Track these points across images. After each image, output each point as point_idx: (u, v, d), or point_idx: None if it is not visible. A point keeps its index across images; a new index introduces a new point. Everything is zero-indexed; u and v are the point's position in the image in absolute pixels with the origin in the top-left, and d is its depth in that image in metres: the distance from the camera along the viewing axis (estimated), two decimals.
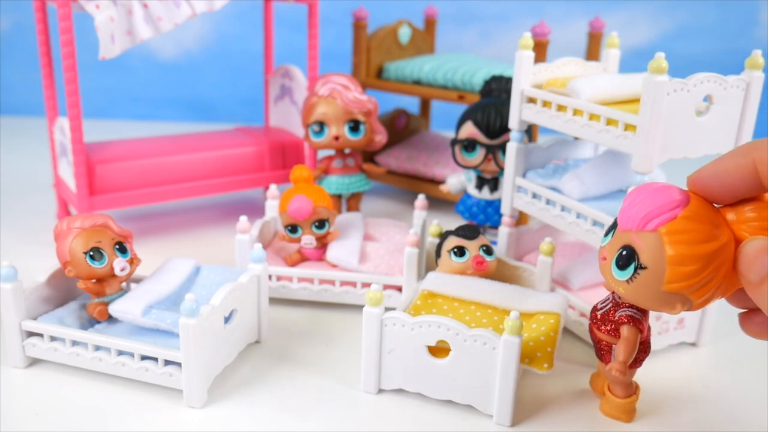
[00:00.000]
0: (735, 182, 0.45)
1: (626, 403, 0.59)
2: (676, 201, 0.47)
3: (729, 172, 0.45)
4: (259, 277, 0.70)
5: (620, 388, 0.59)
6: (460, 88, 1.07)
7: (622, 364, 0.54)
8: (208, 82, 1.77)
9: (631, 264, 0.48)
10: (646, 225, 0.47)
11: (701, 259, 0.45)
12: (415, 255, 0.75)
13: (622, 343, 0.54)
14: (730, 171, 0.45)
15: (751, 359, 0.71)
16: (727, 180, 0.45)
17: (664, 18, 1.68)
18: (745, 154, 0.45)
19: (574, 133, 0.71)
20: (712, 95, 0.64)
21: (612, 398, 0.60)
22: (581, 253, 0.85)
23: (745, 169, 0.44)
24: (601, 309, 0.57)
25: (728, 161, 0.45)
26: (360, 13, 1.13)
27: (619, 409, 0.60)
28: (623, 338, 0.54)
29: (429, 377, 0.61)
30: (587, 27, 1.10)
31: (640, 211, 0.47)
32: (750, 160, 0.44)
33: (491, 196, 0.92)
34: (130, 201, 0.94)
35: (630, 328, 0.54)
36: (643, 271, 0.47)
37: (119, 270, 0.65)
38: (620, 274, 0.49)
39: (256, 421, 0.59)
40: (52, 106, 0.98)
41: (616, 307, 0.55)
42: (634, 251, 0.48)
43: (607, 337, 0.56)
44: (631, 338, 0.54)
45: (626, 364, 0.54)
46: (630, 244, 0.48)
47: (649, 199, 0.47)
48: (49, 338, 0.64)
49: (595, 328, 0.57)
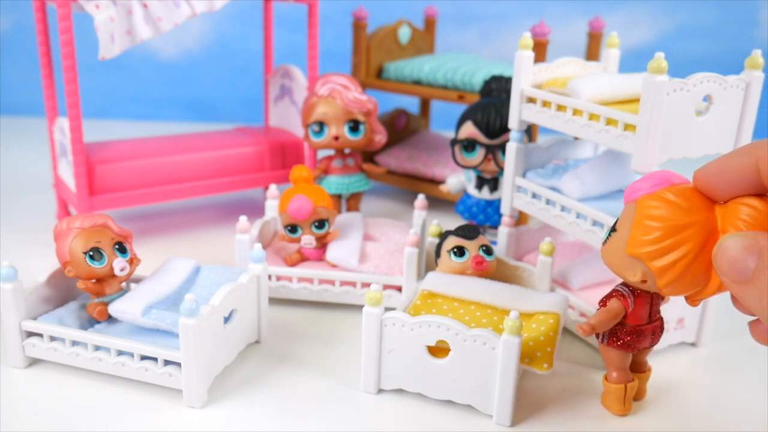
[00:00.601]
0: (738, 180, 0.46)
1: (616, 389, 0.60)
2: (666, 181, 0.50)
3: (733, 170, 0.46)
4: (259, 277, 0.70)
5: (614, 371, 0.60)
6: (460, 88, 1.07)
7: (589, 324, 0.57)
8: (208, 82, 1.77)
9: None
10: (630, 196, 0.51)
11: (662, 229, 0.48)
12: (415, 255, 0.75)
13: (602, 310, 0.58)
14: (733, 169, 0.46)
15: (751, 359, 0.71)
16: (731, 177, 0.46)
17: (664, 18, 1.68)
18: (750, 154, 0.45)
19: (573, 133, 0.71)
20: (712, 95, 0.64)
21: (606, 384, 0.61)
22: (581, 253, 0.85)
23: (748, 168, 0.45)
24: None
25: (733, 159, 0.46)
26: (360, 13, 1.13)
27: (609, 397, 0.61)
28: (606, 307, 0.58)
29: (429, 377, 0.61)
30: (587, 27, 1.10)
31: (635, 185, 0.52)
32: (754, 159, 0.45)
33: (491, 196, 0.92)
34: (130, 201, 0.94)
35: (615, 300, 0.58)
36: (614, 233, 0.52)
37: (119, 270, 0.65)
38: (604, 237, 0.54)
39: (256, 421, 0.59)
40: (52, 106, 0.98)
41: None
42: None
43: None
44: (612, 308, 0.57)
45: (594, 327, 0.57)
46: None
47: (647, 179, 0.51)
48: (48, 338, 0.64)
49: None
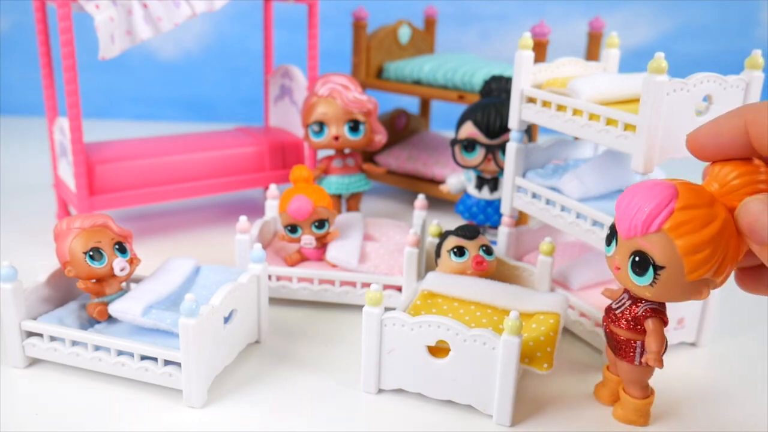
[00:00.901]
0: (728, 142, 0.47)
1: (643, 404, 0.59)
2: (667, 196, 0.48)
3: (723, 132, 0.47)
4: (259, 277, 0.70)
5: (638, 389, 0.59)
6: (460, 88, 1.07)
7: (657, 353, 0.55)
8: (208, 82, 1.77)
9: (648, 267, 0.50)
10: (650, 227, 0.48)
11: (711, 242, 0.47)
12: (415, 255, 0.75)
13: (651, 335, 0.55)
14: (724, 131, 0.47)
15: (751, 359, 0.71)
16: (721, 140, 0.47)
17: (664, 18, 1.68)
18: (739, 116, 0.47)
19: (573, 133, 0.71)
20: (712, 95, 0.64)
21: (629, 400, 0.59)
22: (581, 253, 0.85)
23: (737, 129, 0.47)
24: (618, 308, 0.57)
25: (723, 122, 0.48)
26: (360, 13, 1.13)
27: (636, 412, 0.60)
28: (651, 330, 0.55)
29: (429, 377, 0.61)
30: (587, 27, 1.10)
31: (639, 216, 0.49)
32: (743, 121, 0.46)
33: (491, 196, 0.92)
34: (130, 201, 0.94)
35: (655, 321, 0.55)
36: (662, 270, 0.49)
37: (119, 270, 0.65)
38: (640, 279, 0.51)
39: (256, 421, 0.59)
40: (52, 106, 0.98)
41: (636, 303, 0.56)
42: (646, 255, 0.49)
43: (629, 333, 0.57)
44: (659, 329, 0.55)
45: (660, 353, 0.55)
46: (640, 249, 0.50)
47: (642, 202, 0.49)
48: (48, 338, 0.64)
49: (615, 326, 0.57)
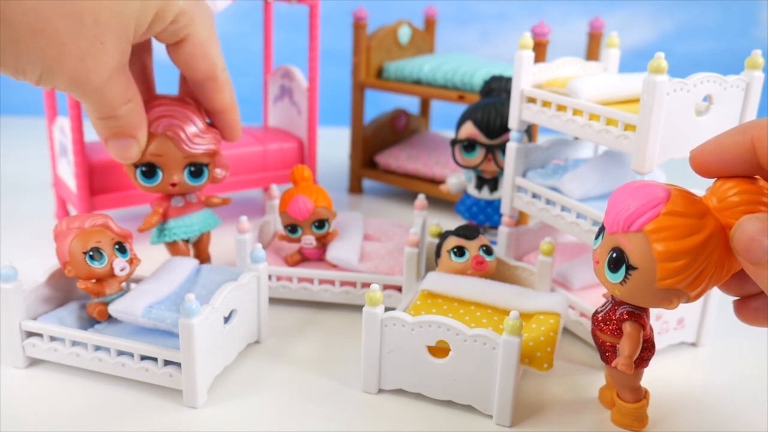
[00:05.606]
0: (733, 159, 0.46)
1: (636, 408, 0.59)
2: (657, 198, 0.47)
3: (728, 149, 0.46)
4: (259, 277, 0.70)
5: (628, 392, 0.59)
6: (460, 88, 1.07)
7: (627, 358, 0.54)
8: None
9: (622, 266, 0.49)
10: (631, 225, 0.48)
11: (689, 253, 0.46)
12: (414, 255, 0.75)
13: (625, 338, 0.54)
14: (729, 148, 0.46)
15: (751, 359, 0.71)
16: (726, 156, 0.47)
17: (664, 18, 1.68)
18: (744, 132, 0.46)
19: (573, 133, 0.71)
20: (712, 95, 0.64)
21: (622, 405, 0.59)
22: (581, 253, 0.85)
23: (743, 146, 0.46)
24: (602, 311, 0.57)
25: (728, 138, 0.47)
26: (360, 13, 1.13)
27: (630, 416, 0.59)
28: (626, 334, 0.54)
29: (429, 377, 0.61)
30: (587, 27, 1.10)
31: (624, 212, 0.48)
32: (749, 138, 0.46)
33: (491, 196, 0.92)
34: (130, 201, 0.94)
35: (631, 324, 0.54)
36: (634, 271, 0.48)
37: (119, 270, 0.65)
38: (613, 276, 0.50)
39: (256, 421, 0.59)
40: (51, 106, 0.98)
41: (616, 306, 0.55)
42: (623, 253, 0.49)
43: (611, 337, 0.56)
44: (634, 333, 0.54)
45: (631, 358, 0.54)
46: (618, 245, 0.49)
47: (632, 199, 0.48)
48: (49, 338, 0.64)
49: (598, 330, 0.57)
